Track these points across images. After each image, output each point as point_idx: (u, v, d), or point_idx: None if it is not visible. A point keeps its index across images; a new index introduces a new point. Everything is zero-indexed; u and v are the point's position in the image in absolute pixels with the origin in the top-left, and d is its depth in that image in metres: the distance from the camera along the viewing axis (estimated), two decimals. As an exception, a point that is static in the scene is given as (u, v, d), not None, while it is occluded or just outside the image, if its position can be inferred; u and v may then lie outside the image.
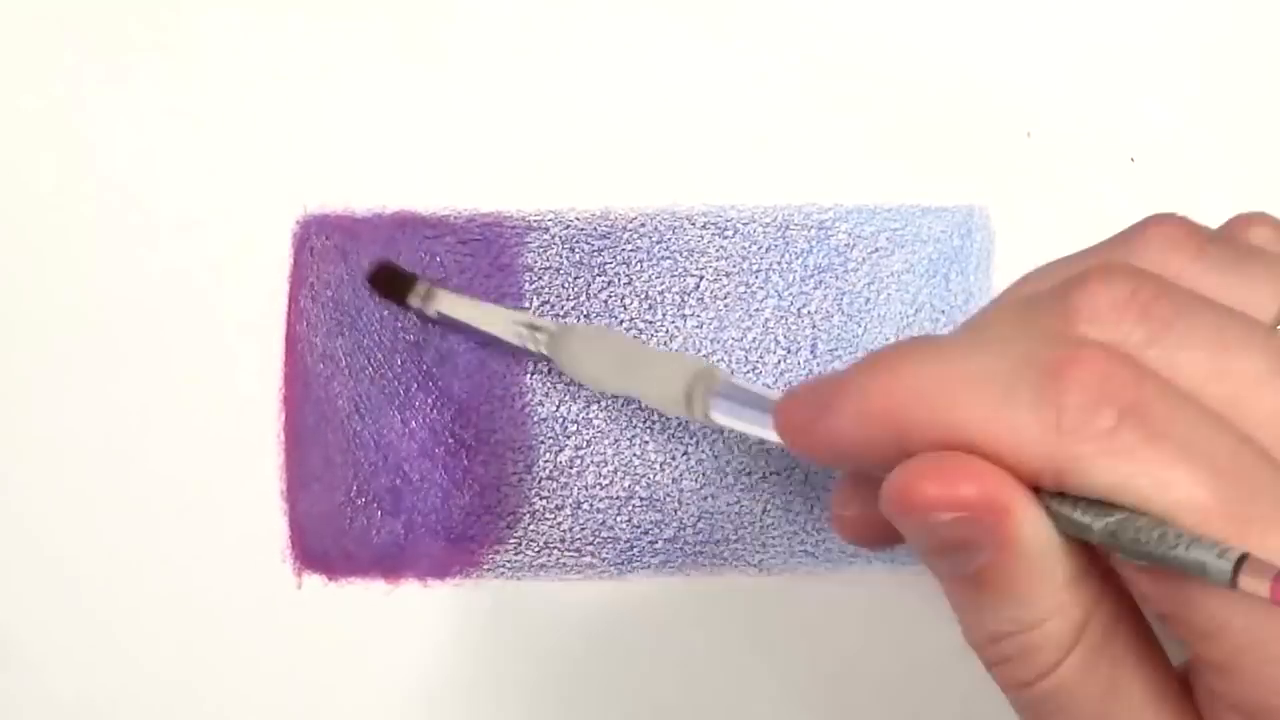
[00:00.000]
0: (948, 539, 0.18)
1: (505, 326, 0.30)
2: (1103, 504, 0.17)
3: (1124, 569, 0.18)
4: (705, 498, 0.31)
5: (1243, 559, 0.16)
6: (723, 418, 0.26)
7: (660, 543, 0.31)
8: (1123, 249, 0.21)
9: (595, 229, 0.32)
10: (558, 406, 0.31)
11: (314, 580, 0.31)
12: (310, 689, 0.31)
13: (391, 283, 0.31)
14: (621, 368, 0.29)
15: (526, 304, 0.32)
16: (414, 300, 0.31)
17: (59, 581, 0.31)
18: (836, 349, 0.32)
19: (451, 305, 0.31)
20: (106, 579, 0.31)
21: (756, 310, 0.32)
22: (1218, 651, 0.17)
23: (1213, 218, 0.33)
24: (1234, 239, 0.22)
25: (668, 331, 0.32)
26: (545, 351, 0.29)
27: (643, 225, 0.32)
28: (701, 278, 0.32)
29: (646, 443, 0.31)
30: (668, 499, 0.31)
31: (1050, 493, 0.18)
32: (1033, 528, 0.18)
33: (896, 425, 0.18)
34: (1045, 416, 0.17)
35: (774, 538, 0.31)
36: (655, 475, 0.31)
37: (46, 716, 0.31)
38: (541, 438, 0.31)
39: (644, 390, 0.28)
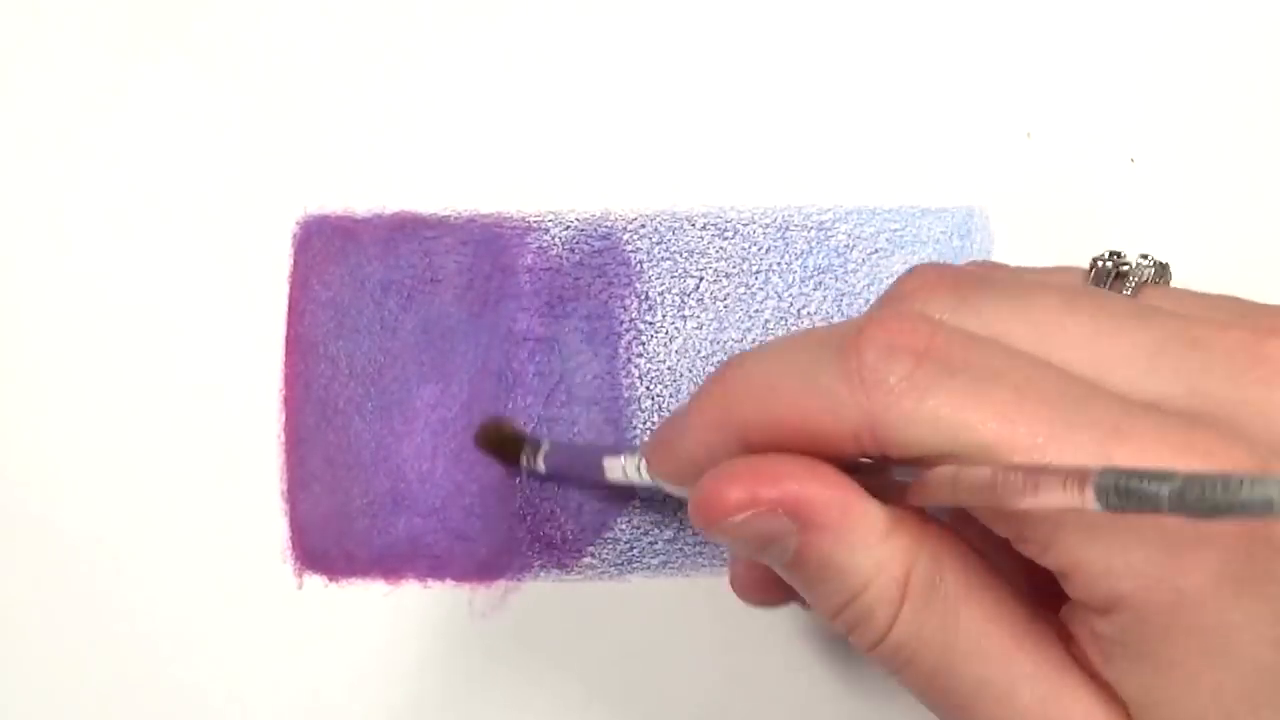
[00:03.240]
0: (756, 536, 0.19)
1: (614, 470, 0.28)
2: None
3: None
4: (705, 498, 0.31)
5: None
6: (617, 477, 0.26)
7: (660, 543, 0.31)
8: (881, 307, 0.22)
9: (595, 229, 0.32)
10: (558, 407, 0.31)
11: (314, 581, 0.31)
12: (310, 689, 0.31)
13: (501, 442, 0.31)
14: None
15: (526, 304, 0.32)
16: (525, 460, 0.30)
17: (59, 581, 0.31)
18: (836, 350, 0.32)
19: (557, 458, 0.30)
20: (107, 579, 0.31)
21: (756, 311, 0.32)
22: (1066, 557, 0.18)
23: (1213, 218, 0.33)
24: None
25: (668, 332, 0.32)
26: (649, 481, 0.27)
27: (643, 225, 0.32)
28: (701, 278, 0.32)
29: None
30: (667, 499, 0.31)
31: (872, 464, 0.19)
32: (832, 502, 0.19)
33: (732, 424, 0.20)
34: (849, 377, 0.18)
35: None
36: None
37: (47, 716, 0.31)
38: (541, 438, 0.31)
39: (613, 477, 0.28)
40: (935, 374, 0.18)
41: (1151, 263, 0.22)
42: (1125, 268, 0.22)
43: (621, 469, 0.27)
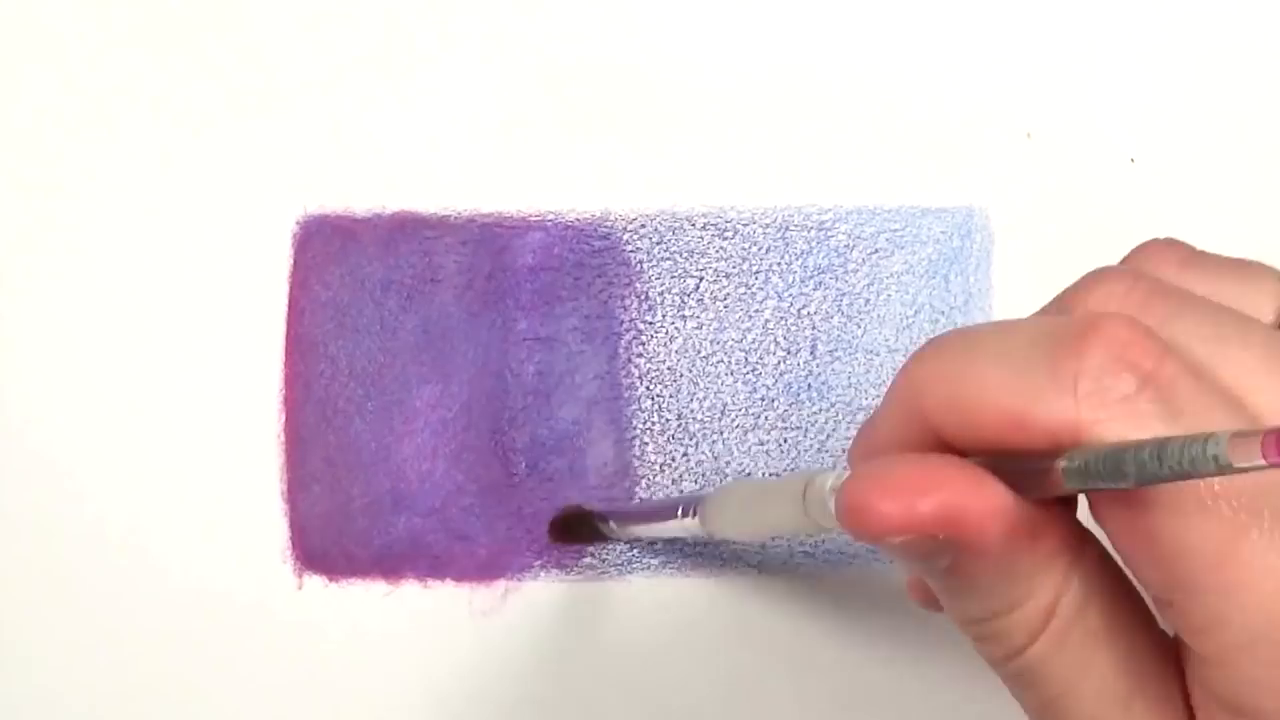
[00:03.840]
0: (911, 550, 0.18)
1: (672, 529, 0.28)
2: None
3: (1130, 561, 0.18)
4: (705, 498, 0.31)
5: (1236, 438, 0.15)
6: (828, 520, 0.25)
7: (660, 543, 0.31)
8: (1118, 265, 0.21)
9: (595, 229, 0.32)
10: (558, 407, 0.31)
11: (314, 581, 0.31)
12: (310, 689, 0.31)
13: (578, 530, 0.31)
14: (746, 511, 0.27)
15: (526, 304, 0.32)
16: (609, 534, 0.30)
17: (59, 581, 0.31)
18: (836, 350, 0.32)
19: (632, 528, 0.30)
20: (108, 579, 0.31)
21: (756, 311, 0.32)
22: (1212, 646, 0.17)
23: (1213, 218, 0.33)
24: (1221, 254, 0.22)
25: (668, 332, 0.32)
26: (704, 531, 0.27)
27: (643, 226, 0.32)
28: (701, 279, 0.32)
29: (646, 444, 0.31)
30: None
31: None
32: (994, 524, 0.18)
33: (922, 407, 0.18)
34: (1063, 380, 0.17)
35: (773, 538, 0.31)
36: (655, 477, 0.31)
37: (47, 716, 0.31)
38: (542, 439, 0.31)
39: (773, 525, 0.25)
40: (1157, 407, 0.17)
41: None
42: None
43: (684, 523, 0.26)
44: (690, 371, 0.32)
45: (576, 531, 0.31)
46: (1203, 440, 0.15)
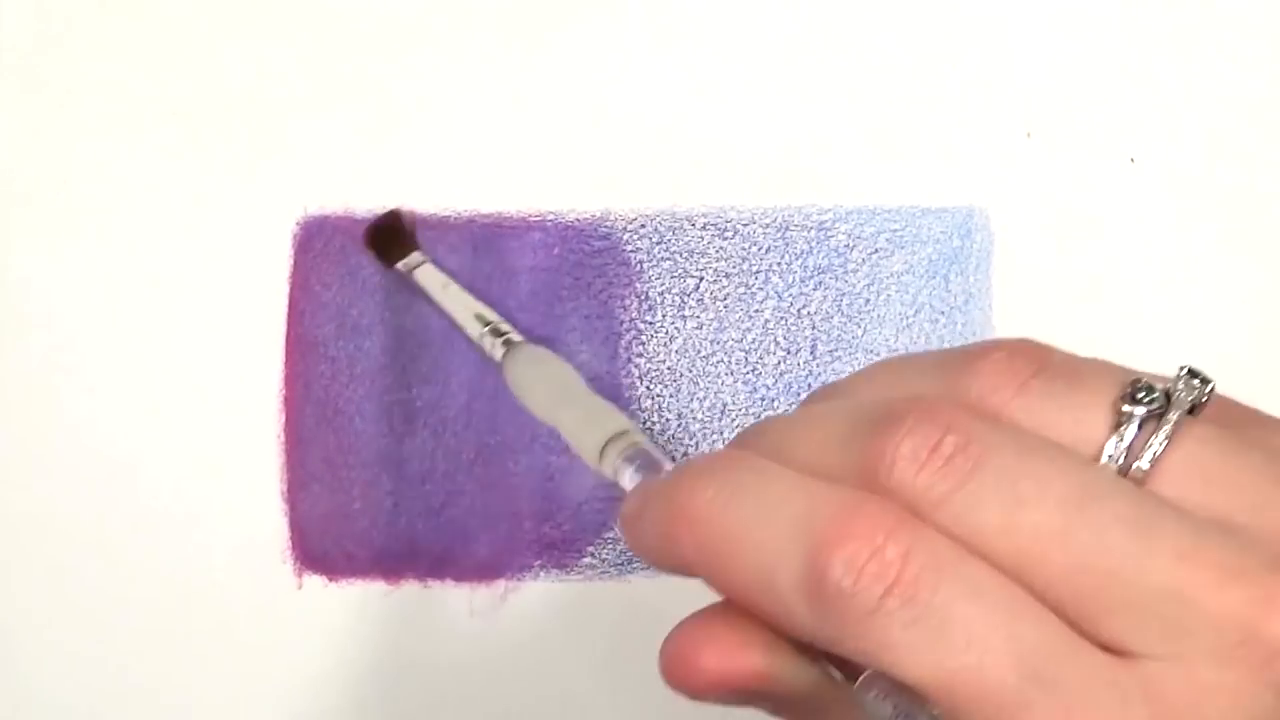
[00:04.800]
0: (732, 702, 0.19)
1: (467, 319, 0.30)
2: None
3: None
4: (705, 498, 0.31)
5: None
6: (628, 483, 0.25)
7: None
8: (959, 374, 0.20)
9: (595, 229, 0.32)
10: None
11: (314, 581, 0.31)
12: (310, 689, 0.31)
13: (389, 240, 0.31)
14: (554, 402, 0.29)
15: (526, 304, 0.32)
16: (401, 266, 0.31)
17: (59, 582, 0.31)
18: (836, 350, 0.32)
19: (429, 280, 0.31)
20: (108, 579, 0.31)
21: (756, 311, 0.32)
22: None
23: (1212, 218, 0.33)
24: (1068, 362, 0.20)
25: (668, 332, 0.32)
26: (498, 360, 0.30)
27: (643, 226, 0.32)
28: (701, 279, 0.32)
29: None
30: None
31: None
32: (805, 691, 0.18)
33: (683, 557, 0.19)
34: (811, 589, 0.17)
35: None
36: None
37: (47, 716, 0.31)
38: (542, 439, 0.31)
39: (567, 431, 0.28)
40: (898, 621, 0.17)
41: (1192, 386, 0.19)
42: (1155, 404, 0.19)
43: (488, 344, 0.29)
44: (690, 371, 0.32)
45: (388, 244, 0.31)
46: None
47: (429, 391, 0.31)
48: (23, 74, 0.33)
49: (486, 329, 0.30)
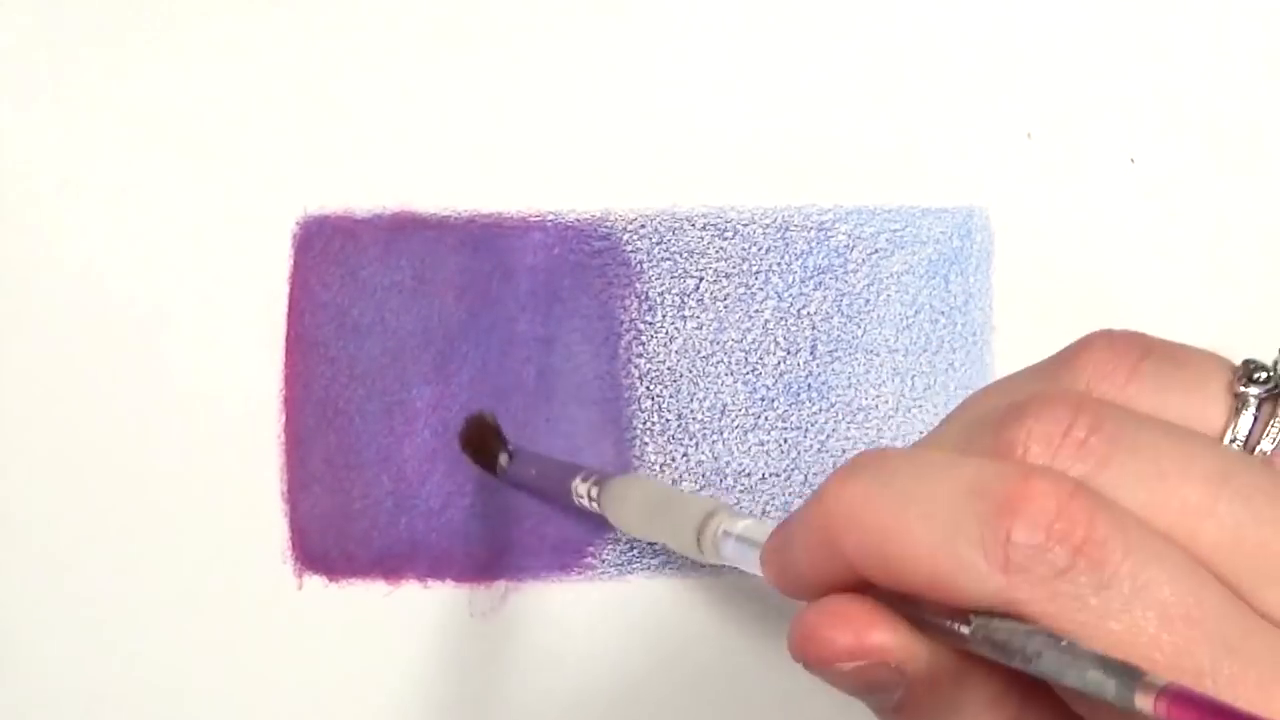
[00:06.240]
0: (862, 684, 0.18)
1: (566, 496, 0.29)
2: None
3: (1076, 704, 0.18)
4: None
5: (1138, 678, 0.15)
6: (731, 560, 0.24)
7: (660, 543, 0.31)
8: (1063, 371, 0.20)
9: (595, 229, 0.32)
10: (558, 407, 0.31)
11: (315, 581, 0.31)
12: (310, 689, 0.31)
13: (481, 442, 0.31)
14: (649, 517, 0.28)
15: (526, 304, 0.32)
16: (500, 463, 0.30)
17: (59, 582, 0.31)
18: (836, 350, 0.32)
19: (521, 470, 0.30)
20: (108, 580, 0.31)
21: (756, 311, 0.32)
22: None
23: (1212, 218, 0.33)
24: (1170, 346, 0.20)
25: (668, 332, 0.32)
26: (600, 509, 0.28)
27: (643, 226, 0.32)
28: (701, 278, 0.32)
29: (646, 444, 0.31)
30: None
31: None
32: (939, 665, 0.18)
33: (845, 552, 0.18)
34: (993, 553, 0.17)
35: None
36: (655, 476, 0.31)
37: (46, 716, 0.31)
38: (542, 440, 0.31)
39: (668, 539, 0.27)
40: (1089, 583, 0.16)
41: None
42: (1272, 384, 0.19)
43: (585, 493, 0.27)
44: (690, 371, 0.32)
45: (479, 445, 0.31)
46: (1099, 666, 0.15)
47: (429, 392, 0.31)
48: (22, 74, 0.33)
49: (584, 494, 0.29)
